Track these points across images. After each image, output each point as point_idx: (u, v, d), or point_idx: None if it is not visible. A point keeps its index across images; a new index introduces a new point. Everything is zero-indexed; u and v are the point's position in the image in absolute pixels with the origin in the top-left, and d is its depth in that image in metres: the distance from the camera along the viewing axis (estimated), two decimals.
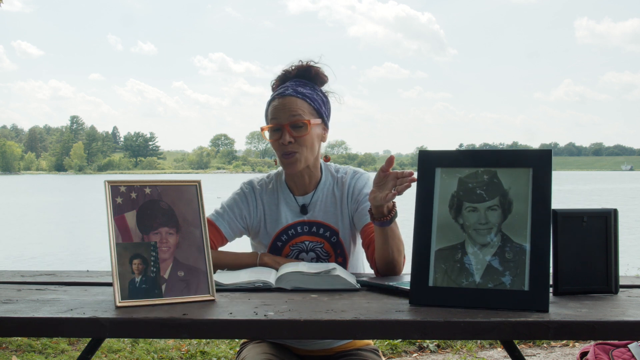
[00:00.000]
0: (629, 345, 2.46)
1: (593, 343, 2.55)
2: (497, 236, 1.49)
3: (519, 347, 2.11)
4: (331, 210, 2.12)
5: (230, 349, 4.37)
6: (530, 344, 4.59)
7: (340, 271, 1.79)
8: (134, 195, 1.54)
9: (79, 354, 2.52)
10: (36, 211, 27.22)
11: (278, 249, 2.11)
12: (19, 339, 4.35)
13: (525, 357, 2.29)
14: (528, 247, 1.46)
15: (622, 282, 1.77)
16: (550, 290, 1.54)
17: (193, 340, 4.44)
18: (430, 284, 1.50)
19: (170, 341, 4.47)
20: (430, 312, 1.42)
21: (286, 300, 1.57)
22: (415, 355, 4.35)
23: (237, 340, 4.11)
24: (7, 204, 31.02)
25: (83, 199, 35.48)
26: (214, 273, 1.82)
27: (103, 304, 1.52)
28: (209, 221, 2.08)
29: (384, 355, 4.18)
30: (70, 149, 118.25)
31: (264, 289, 1.72)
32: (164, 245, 1.54)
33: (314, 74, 2.12)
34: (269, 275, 1.80)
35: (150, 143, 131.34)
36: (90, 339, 1.65)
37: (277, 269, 1.90)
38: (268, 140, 2.09)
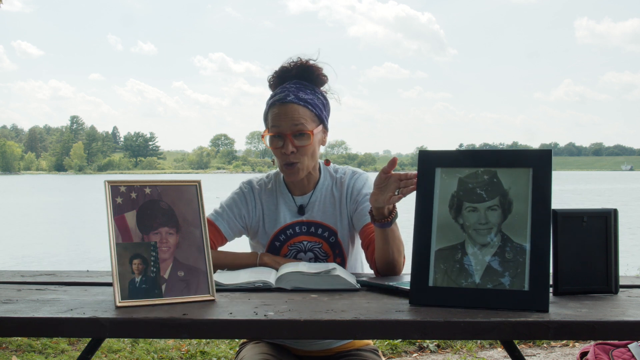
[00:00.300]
0: (629, 345, 2.46)
1: (593, 343, 2.55)
2: (497, 236, 1.49)
3: (519, 347, 2.11)
4: (330, 211, 2.11)
5: (230, 349, 4.37)
6: (530, 344, 4.59)
7: (340, 271, 1.79)
8: (134, 195, 1.54)
9: (79, 354, 2.52)
10: (36, 211, 27.22)
11: (276, 249, 2.11)
12: (19, 339, 4.35)
13: (525, 357, 2.28)
14: (528, 247, 1.46)
15: (622, 282, 1.77)
16: (550, 290, 1.54)
17: (193, 340, 4.44)
18: (430, 284, 1.50)
19: (170, 341, 4.47)
20: (430, 312, 1.42)
21: (286, 300, 1.57)
22: (415, 355, 4.35)
23: (237, 340, 4.11)
24: (7, 204, 31.02)
25: (83, 199, 35.47)
26: (214, 273, 1.82)
27: (103, 304, 1.52)
28: (208, 221, 2.08)
29: (384, 355, 4.18)
30: (70, 149, 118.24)
31: (264, 289, 1.72)
32: (164, 245, 1.54)
33: (315, 75, 2.09)
34: (269, 275, 1.80)
35: (150, 143, 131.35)
36: (90, 339, 1.65)
37: (277, 269, 1.90)
38: (268, 146, 2.07)
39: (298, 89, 2.04)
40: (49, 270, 2.03)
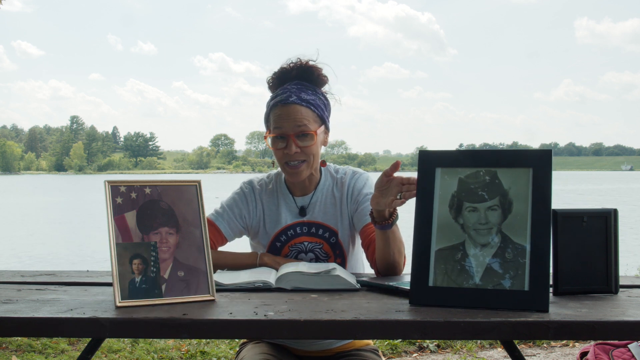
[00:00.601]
0: (629, 345, 2.46)
1: (593, 343, 2.55)
2: (497, 236, 1.49)
3: (519, 347, 2.11)
4: (330, 211, 2.11)
5: (230, 349, 4.37)
6: (530, 344, 4.59)
7: (340, 271, 1.79)
8: (134, 195, 1.54)
9: (79, 354, 2.52)
10: (36, 211, 27.21)
11: (277, 250, 2.11)
12: (19, 339, 4.35)
13: (525, 357, 2.28)
14: (528, 247, 1.46)
15: (622, 282, 1.77)
16: (550, 290, 1.54)
17: (193, 340, 4.44)
18: (431, 284, 1.50)
19: (170, 341, 4.47)
20: (430, 312, 1.42)
21: (286, 300, 1.57)
22: (415, 355, 4.35)
23: (237, 340, 4.11)
24: (7, 204, 31.01)
25: (83, 199, 35.46)
26: (214, 273, 1.82)
27: (103, 304, 1.52)
28: (208, 221, 2.08)
29: (384, 355, 4.18)
30: (70, 149, 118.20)
31: (264, 289, 1.72)
32: (164, 245, 1.54)
33: (315, 75, 2.08)
34: (269, 275, 1.80)
35: (150, 143, 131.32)
36: (90, 339, 1.65)
37: (277, 269, 1.90)
38: (270, 147, 2.07)
39: (299, 90, 2.03)
40: (49, 270, 2.03)
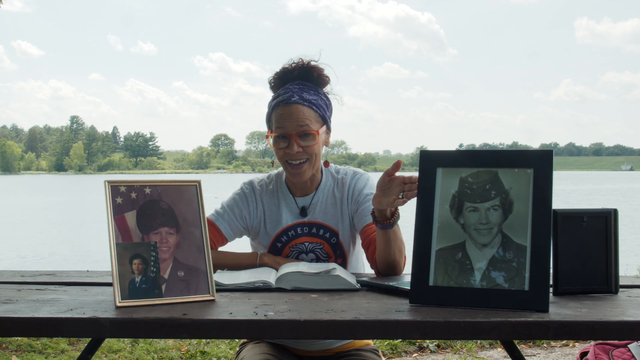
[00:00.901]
0: (629, 345, 2.46)
1: (593, 343, 2.55)
2: (498, 236, 1.49)
3: (519, 347, 2.10)
4: (331, 212, 2.11)
5: (230, 349, 4.37)
6: (530, 344, 4.59)
7: (340, 271, 1.79)
8: (134, 195, 1.54)
9: (79, 354, 2.52)
10: (36, 211, 27.21)
11: (277, 250, 2.11)
12: (19, 339, 4.35)
13: (525, 357, 2.28)
14: (528, 247, 1.46)
15: (622, 282, 1.77)
16: (550, 290, 1.54)
17: (193, 340, 4.44)
18: (431, 283, 1.50)
19: (170, 341, 4.47)
20: (430, 312, 1.42)
21: (286, 300, 1.57)
22: (415, 355, 4.35)
23: (237, 340, 4.11)
24: (7, 204, 31.01)
25: (83, 199, 35.46)
26: (214, 273, 1.82)
27: (103, 304, 1.52)
28: (208, 221, 2.08)
29: (384, 355, 4.18)
30: (70, 149, 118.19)
31: (264, 289, 1.72)
32: (164, 245, 1.54)
33: (317, 76, 2.08)
34: (269, 276, 1.80)
35: (150, 143, 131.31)
36: (90, 339, 1.65)
37: (277, 269, 1.90)
38: (272, 147, 2.06)
39: (301, 90, 2.03)
40: (49, 270, 2.03)
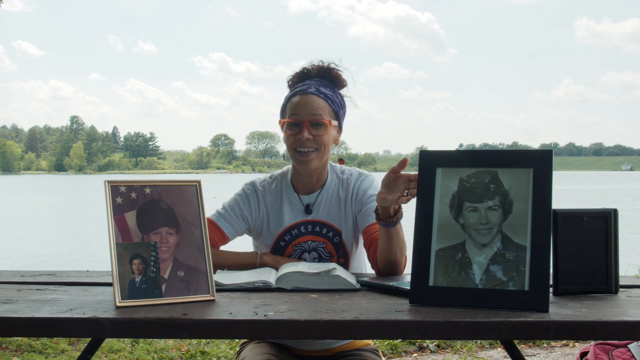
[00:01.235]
0: (629, 345, 2.46)
1: (593, 343, 2.55)
2: (498, 236, 1.49)
3: (519, 347, 2.11)
4: (335, 211, 2.12)
5: (230, 349, 4.37)
6: (530, 344, 4.59)
7: (340, 271, 1.79)
8: (134, 195, 1.54)
9: (79, 354, 2.52)
10: (36, 211, 27.21)
11: (281, 249, 2.11)
12: (19, 339, 4.35)
13: (525, 357, 2.29)
14: (528, 247, 1.46)
15: (622, 282, 1.77)
16: (550, 290, 1.54)
17: (193, 340, 4.44)
18: (431, 283, 1.50)
19: (170, 341, 4.47)
20: (430, 312, 1.42)
21: (286, 300, 1.57)
22: (415, 355, 4.35)
23: (237, 340, 4.11)
24: (7, 204, 31.01)
25: (83, 199, 35.46)
26: (214, 273, 1.82)
27: (103, 304, 1.52)
28: (210, 221, 2.09)
29: (384, 355, 4.18)
30: (70, 149, 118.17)
31: (264, 289, 1.72)
32: (164, 245, 1.54)
33: (335, 76, 2.14)
34: (269, 275, 1.80)
35: (150, 143, 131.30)
36: (90, 339, 1.65)
37: (278, 269, 1.90)
38: (284, 133, 2.09)
39: (319, 84, 2.10)
40: (49, 270, 2.03)
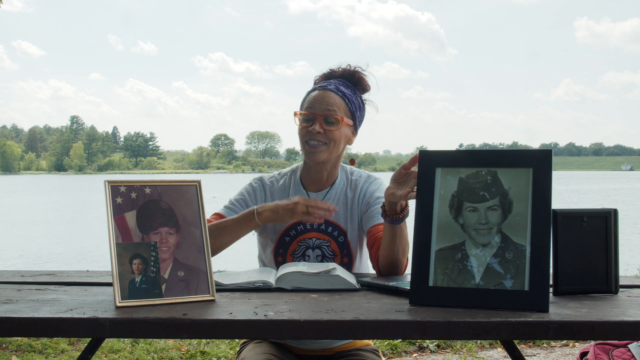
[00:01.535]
0: (629, 345, 2.46)
1: (593, 343, 2.55)
2: (497, 236, 1.49)
3: (519, 347, 2.11)
4: (342, 211, 2.13)
5: (230, 349, 4.37)
6: (530, 344, 4.59)
7: (340, 271, 1.79)
8: (134, 195, 1.54)
9: (79, 354, 2.52)
10: (36, 211, 27.21)
11: (286, 244, 2.11)
12: (19, 339, 4.35)
13: (525, 357, 2.29)
14: (528, 247, 1.46)
15: (622, 282, 1.77)
16: (550, 290, 1.54)
17: (193, 340, 4.44)
18: (431, 284, 1.50)
19: (170, 341, 4.47)
20: (430, 312, 1.42)
21: (286, 300, 1.57)
22: (415, 355, 4.35)
23: (237, 340, 4.11)
24: (7, 204, 31.01)
25: (83, 199, 35.47)
26: (214, 272, 1.82)
27: (103, 304, 1.52)
28: (220, 215, 2.09)
29: (384, 355, 4.18)
30: (70, 149, 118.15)
31: (264, 289, 1.72)
32: (164, 245, 1.54)
33: (358, 79, 2.16)
34: (269, 276, 1.80)
35: (150, 143, 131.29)
36: (90, 339, 1.65)
37: (278, 213, 1.92)
38: (297, 125, 2.11)
39: (340, 83, 2.13)
40: (49, 270, 2.03)
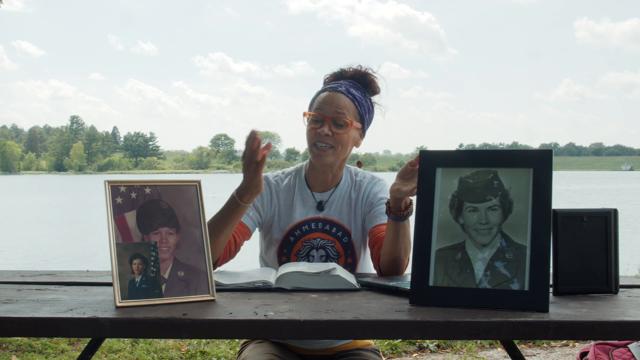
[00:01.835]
0: (629, 345, 2.46)
1: (593, 343, 2.55)
2: (498, 236, 1.49)
3: (519, 347, 2.11)
4: (345, 211, 2.13)
5: (230, 349, 4.37)
6: (530, 344, 4.59)
7: (340, 271, 1.79)
8: (134, 195, 1.54)
9: (79, 354, 2.52)
10: (36, 211, 27.20)
11: (290, 244, 2.11)
12: (19, 339, 4.34)
13: (525, 357, 2.29)
14: (528, 247, 1.46)
15: (622, 282, 1.77)
16: (550, 290, 1.54)
17: (193, 340, 4.44)
18: (431, 283, 1.50)
19: (170, 341, 4.47)
20: (430, 312, 1.42)
21: (286, 300, 1.57)
22: (415, 355, 4.35)
23: (238, 340, 4.11)
24: (7, 204, 31.00)
25: (83, 199, 35.45)
26: (214, 271, 1.82)
27: (103, 304, 1.52)
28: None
29: (384, 355, 4.18)
30: (70, 149, 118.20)
31: (264, 289, 1.72)
32: (164, 245, 1.54)
33: (369, 81, 2.15)
34: (269, 276, 1.80)
35: (150, 143, 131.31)
36: (90, 339, 1.65)
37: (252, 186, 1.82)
38: (306, 125, 2.10)
39: (350, 85, 2.12)
40: (49, 270, 2.03)
